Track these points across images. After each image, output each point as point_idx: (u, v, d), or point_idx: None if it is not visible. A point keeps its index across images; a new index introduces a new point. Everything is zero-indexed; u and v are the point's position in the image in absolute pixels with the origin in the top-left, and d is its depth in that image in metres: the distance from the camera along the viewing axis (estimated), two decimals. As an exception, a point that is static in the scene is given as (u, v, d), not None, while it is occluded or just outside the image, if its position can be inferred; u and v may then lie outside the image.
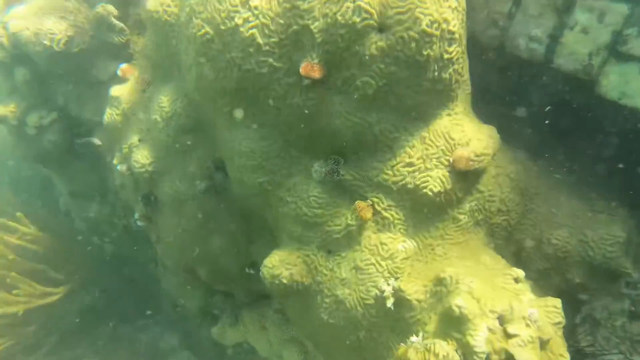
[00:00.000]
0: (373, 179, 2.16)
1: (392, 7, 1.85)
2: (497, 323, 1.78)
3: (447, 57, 1.98)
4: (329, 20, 1.88)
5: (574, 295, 2.40)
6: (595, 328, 2.39)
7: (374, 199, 2.18)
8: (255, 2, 1.93)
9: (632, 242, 2.36)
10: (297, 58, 1.97)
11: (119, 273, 4.10)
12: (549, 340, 1.83)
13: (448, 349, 1.76)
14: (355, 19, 1.84)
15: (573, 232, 2.32)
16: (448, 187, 2.11)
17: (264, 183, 2.26)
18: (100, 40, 2.76)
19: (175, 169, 2.59)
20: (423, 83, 1.99)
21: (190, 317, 3.66)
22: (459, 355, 1.74)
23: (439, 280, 2.02)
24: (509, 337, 1.75)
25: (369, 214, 2.17)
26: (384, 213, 2.19)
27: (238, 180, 2.35)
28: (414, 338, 1.94)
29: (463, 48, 2.08)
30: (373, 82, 1.93)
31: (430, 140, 2.11)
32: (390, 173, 2.14)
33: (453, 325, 1.84)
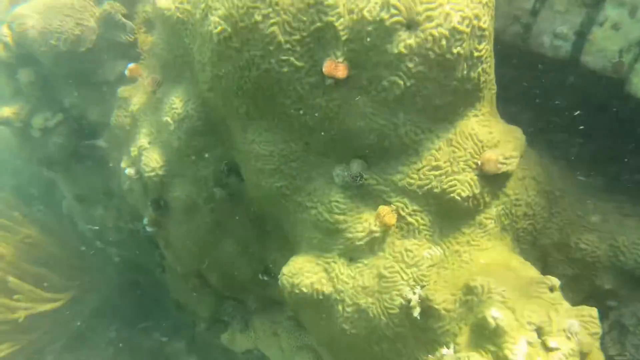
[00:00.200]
0: (397, 183, 2.04)
1: (421, 2, 1.73)
2: (535, 335, 1.68)
3: (476, 55, 1.87)
4: (355, 17, 1.76)
5: (602, 302, 2.30)
6: (624, 335, 2.29)
7: (398, 204, 2.06)
8: (276, -3, 1.81)
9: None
10: (319, 57, 1.85)
11: (124, 278, 3.97)
12: (589, 354, 1.72)
13: (485, 364, 1.65)
14: (384, 16, 1.72)
15: (603, 236, 2.22)
16: (476, 191, 2.00)
17: (282, 187, 2.14)
18: (107, 39, 2.63)
19: (187, 173, 2.46)
20: (451, 83, 1.88)
21: (199, 323, 3.54)
22: (497, 370, 1.64)
23: (469, 289, 1.91)
24: (549, 350, 1.64)
25: (393, 220, 2.05)
26: (409, 218, 2.07)
27: (254, 185, 2.23)
28: (445, 350, 1.83)
29: (491, 46, 1.97)
30: (401, 82, 1.82)
31: (458, 143, 2.00)
32: (416, 177, 2.02)
33: (488, 338, 1.73)
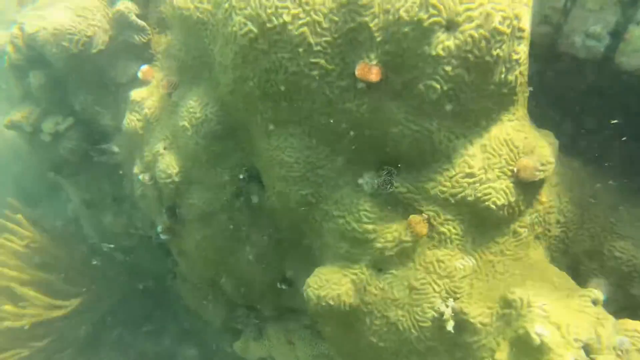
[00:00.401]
0: (429, 191, 1.93)
1: (462, 2, 1.62)
2: (583, 353, 1.57)
3: (515, 57, 1.76)
4: (391, 17, 1.65)
5: (637, 313, 2.20)
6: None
7: (430, 213, 1.95)
8: (307, -3, 1.70)
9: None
10: (351, 59, 1.74)
11: (132, 284, 3.85)
12: (638, 371, 1.62)
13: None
14: (422, 16, 1.61)
15: (638, 244, 2.12)
16: (512, 199, 1.89)
17: (308, 196, 2.03)
18: (120, 40, 2.51)
19: (204, 179, 2.34)
20: (489, 87, 1.77)
21: (211, 330, 3.43)
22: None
23: (507, 302, 1.81)
24: (599, 369, 1.55)
25: (425, 230, 1.94)
26: (441, 228, 1.96)
27: (277, 192, 2.11)
28: (484, 367, 1.73)
29: (528, 47, 1.87)
30: (437, 86, 1.71)
31: (492, 149, 1.89)
32: (449, 185, 1.91)
33: (531, 354, 1.62)
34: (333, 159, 1.96)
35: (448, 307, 1.92)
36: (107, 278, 3.67)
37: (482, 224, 1.96)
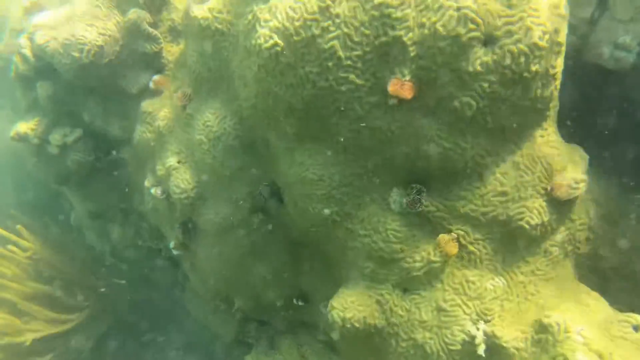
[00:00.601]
0: (459, 210, 1.84)
1: (500, 16, 1.54)
2: (629, 384, 1.50)
3: (552, 72, 1.68)
4: (427, 32, 1.56)
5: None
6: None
7: (459, 232, 1.87)
8: (337, 9, 1.60)
9: None
10: (383, 74, 1.65)
11: (138, 296, 3.73)
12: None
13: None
14: (460, 31, 1.52)
15: (669, 263, 2.05)
16: (545, 219, 1.81)
17: (332, 214, 1.93)
18: (132, 49, 2.39)
19: (221, 195, 2.24)
20: (524, 103, 1.68)
21: (220, 343, 3.32)
22: None
23: (543, 326, 1.73)
24: (647, 401, 1.47)
25: (455, 250, 1.86)
26: (470, 247, 1.88)
27: (300, 210, 2.02)
28: (521, 396, 1.64)
29: (562, 61, 1.79)
30: (474, 102, 1.62)
31: (525, 166, 1.81)
32: (479, 203, 1.83)
33: (572, 384, 1.55)
34: (360, 176, 1.87)
35: (479, 329, 1.84)
36: (112, 290, 3.55)
37: (513, 243, 1.88)
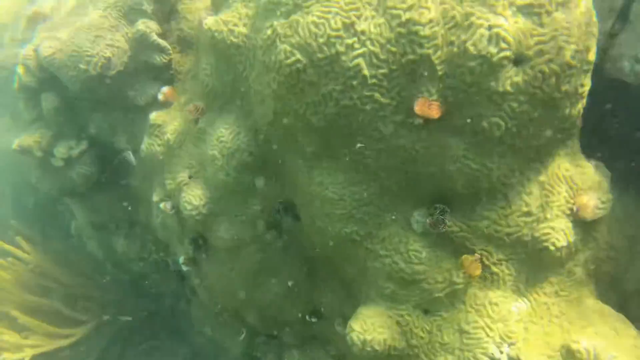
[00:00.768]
0: (483, 230, 1.78)
1: (532, 35, 1.48)
2: (664, 414, 1.46)
3: (580, 91, 1.62)
4: (456, 50, 1.50)
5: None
6: None
7: (483, 253, 1.81)
8: (363, 25, 1.54)
9: None
10: (408, 93, 1.58)
11: (141, 308, 3.64)
12: None
13: None
14: (492, 50, 1.46)
15: (691, 282, 2.02)
16: (571, 240, 1.76)
17: (352, 234, 1.87)
18: (140, 61, 2.31)
19: (234, 211, 2.16)
20: (553, 122, 1.63)
21: (225, 357, 3.25)
22: None
23: (570, 352, 1.67)
24: None
25: (479, 271, 1.80)
26: (493, 268, 1.82)
27: (317, 229, 1.95)
28: None
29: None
30: (502, 123, 1.56)
31: (551, 186, 1.76)
32: (504, 223, 1.77)
33: (605, 414, 1.50)
34: (381, 196, 1.80)
35: (503, 353, 1.78)
36: (114, 303, 3.46)
37: (537, 264, 1.82)
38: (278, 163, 2.00)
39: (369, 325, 1.87)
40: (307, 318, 2.44)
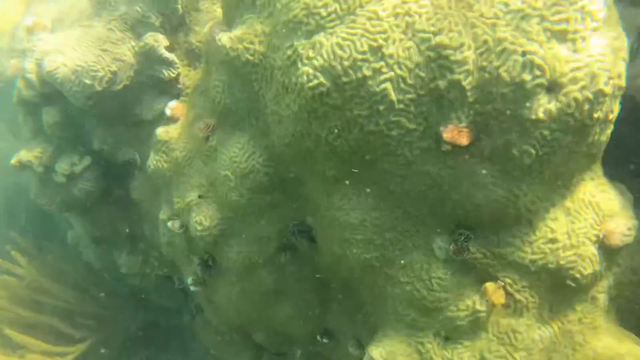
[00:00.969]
0: (507, 257, 1.73)
1: (567, 61, 1.43)
2: None
3: (610, 117, 1.57)
4: (487, 76, 1.44)
5: None
6: None
7: (506, 280, 1.76)
8: (391, 49, 1.47)
9: None
10: (436, 119, 1.52)
11: (141, 320, 3.55)
12: None
13: None
14: (526, 77, 1.40)
15: None
16: (597, 268, 1.72)
17: (372, 260, 1.80)
18: (147, 75, 2.21)
19: (246, 232, 2.08)
20: (581, 149, 1.58)
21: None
22: None
23: (598, 383, 1.64)
24: None
25: (502, 299, 1.74)
26: (517, 295, 1.77)
27: (335, 254, 1.88)
28: None
29: (617, 104, 1.70)
30: (533, 151, 1.50)
31: (577, 212, 1.71)
32: (529, 250, 1.72)
33: None
34: (403, 221, 1.74)
35: (527, 383, 1.74)
36: (114, 318, 3.35)
37: (561, 292, 1.78)
38: (294, 184, 1.93)
39: (389, 354, 1.81)
40: (318, 338, 2.37)
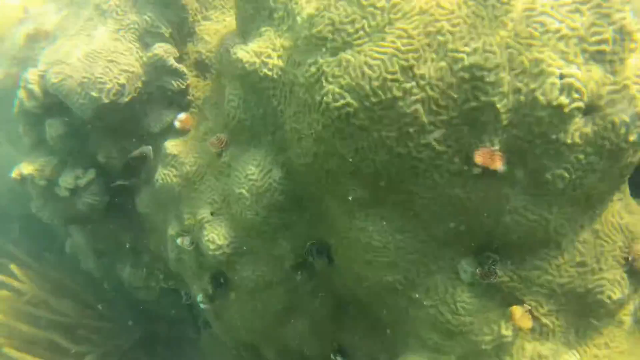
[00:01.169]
0: (534, 280, 1.68)
1: (604, 83, 1.38)
2: None
3: (644, 139, 1.54)
4: (523, 99, 1.38)
5: None
6: None
7: (532, 303, 1.71)
8: (422, 69, 1.40)
9: None
10: (468, 141, 1.46)
11: (142, 331, 3.45)
12: None
13: None
14: (563, 101, 1.35)
15: None
16: (626, 292, 1.68)
17: (394, 282, 1.74)
18: (155, 86, 2.12)
19: (260, 251, 2.01)
20: (614, 171, 1.54)
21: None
22: None
23: (628, 411, 1.60)
24: None
25: (529, 323, 1.69)
26: (543, 319, 1.72)
27: (355, 275, 1.82)
28: None
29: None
30: (567, 175, 1.45)
31: (606, 235, 1.67)
32: (556, 274, 1.67)
33: None
34: (427, 244, 1.68)
35: (553, 409, 1.70)
36: (115, 330, 3.26)
37: (588, 315, 1.73)
38: (311, 203, 1.86)
39: (412, 379, 1.76)
40: (332, 356, 2.31)
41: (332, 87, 1.49)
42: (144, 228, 2.66)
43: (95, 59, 1.97)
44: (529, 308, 1.70)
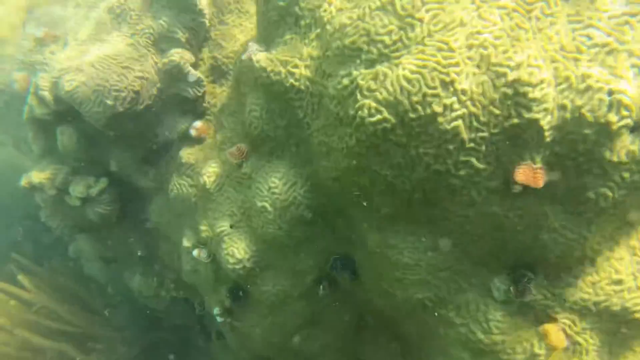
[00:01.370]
0: (568, 298, 1.64)
1: (653, 100, 1.33)
2: None
3: (685, 156, 1.49)
4: (568, 116, 1.33)
5: None
6: None
7: (566, 321, 1.67)
8: (464, 84, 1.34)
9: None
10: (508, 158, 1.41)
11: (149, 339, 3.39)
12: None
13: None
14: (611, 118, 1.30)
15: None
16: (663, 309, 1.65)
17: (424, 300, 1.69)
18: (170, 93, 2.05)
19: (282, 265, 1.95)
20: (655, 188, 1.50)
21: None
22: None
23: None
24: None
25: (564, 342, 1.65)
26: (577, 337, 1.68)
27: (383, 291, 1.76)
28: None
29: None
30: (610, 193, 1.41)
31: (642, 251, 1.63)
32: (591, 292, 1.63)
33: None
34: (460, 261, 1.63)
35: None
36: (121, 338, 3.19)
37: (622, 333, 1.70)
38: (336, 217, 1.80)
39: (442, 399, 1.71)
40: (350, 370, 2.27)
41: (367, 101, 1.43)
42: (155, 237, 2.59)
43: (110, 66, 1.89)
44: (562, 326, 1.66)
